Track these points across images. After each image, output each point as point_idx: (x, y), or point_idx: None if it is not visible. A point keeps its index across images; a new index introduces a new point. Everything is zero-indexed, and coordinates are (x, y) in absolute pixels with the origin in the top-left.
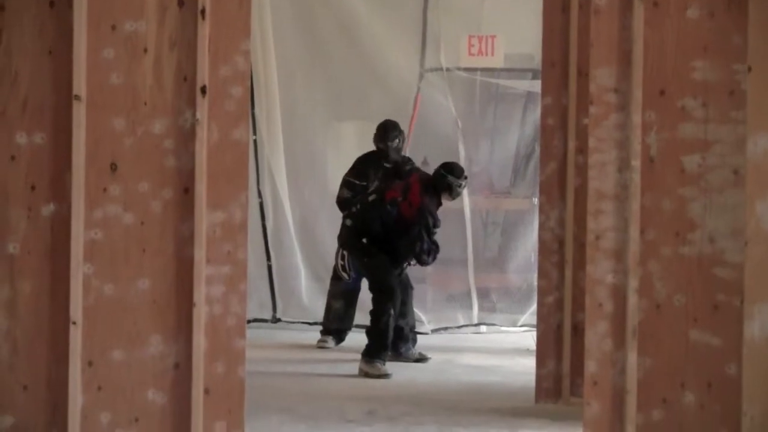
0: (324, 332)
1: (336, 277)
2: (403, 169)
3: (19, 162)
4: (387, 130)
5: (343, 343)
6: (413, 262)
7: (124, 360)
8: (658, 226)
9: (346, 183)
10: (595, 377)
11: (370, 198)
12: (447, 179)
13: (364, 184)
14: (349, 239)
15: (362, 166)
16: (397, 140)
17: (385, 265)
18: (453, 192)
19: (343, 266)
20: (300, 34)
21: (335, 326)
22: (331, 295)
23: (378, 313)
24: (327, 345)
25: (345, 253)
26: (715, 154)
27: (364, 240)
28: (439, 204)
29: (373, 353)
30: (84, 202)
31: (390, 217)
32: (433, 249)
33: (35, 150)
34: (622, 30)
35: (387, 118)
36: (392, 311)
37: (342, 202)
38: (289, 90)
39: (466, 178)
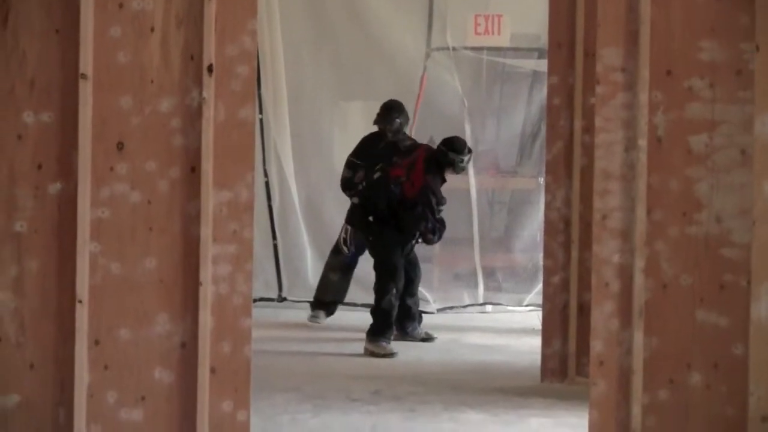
0: (315, 305)
1: (336, 251)
2: (400, 147)
3: (27, 141)
4: (387, 111)
5: (349, 322)
6: (419, 240)
7: (131, 339)
8: (665, 206)
9: (348, 163)
10: (601, 357)
11: (375, 176)
12: (449, 156)
13: (365, 164)
14: (356, 217)
15: (364, 147)
16: (397, 121)
17: (388, 243)
18: (456, 168)
19: (344, 240)
20: (306, 13)
21: (329, 298)
22: (329, 267)
23: (381, 292)
24: (319, 320)
25: (348, 227)
26: (722, 134)
27: (370, 218)
28: (443, 181)
29: (378, 333)
30: (91, 181)
31: (394, 195)
32: (438, 227)
33: (42, 129)
34: (629, 10)
35: (392, 97)
36: (395, 290)
37: (344, 182)
38: (296, 69)
39: (470, 151)
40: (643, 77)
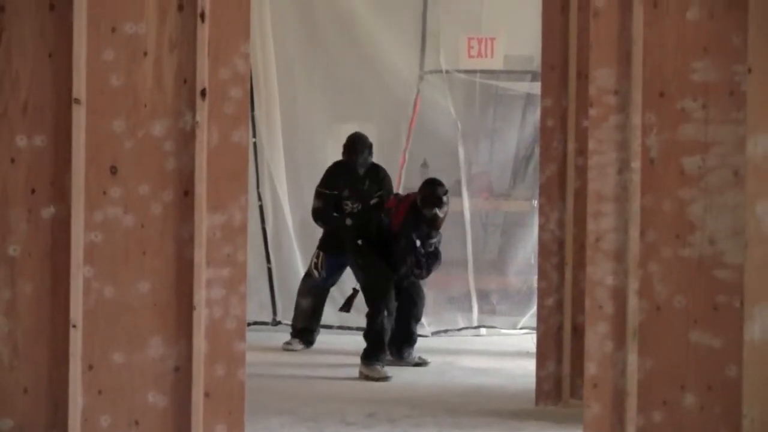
0: (293, 334)
1: (307, 275)
2: (377, 176)
3: (20, 164)
4: (355, 143)
5: (343, 345)
6: (413, 273)
7: (125, 363)
8: (658, 228)
9: (317, 194)
10: (595, 379)
11: (372, 201)
12: (422, 212)
13: (335, 193)
14: (347, 239)
15: (332, 176)
16: (365, 152)
17: (376, 265)
18: (435, 220)
19: (316, 264)
20: (300, 35)
21: (301, 325)
22: (300, 293)
23: (372, 314)
24: (293, 348)
25: (321, 252)
26: (715, 155)
27: (359, 241)
28: (429, 222)
29: (371, 356)
30: (84, 205)
31: (383, 224)
32: (427, 262)
33: (35, 152)
34: (622, 31)
35: (387, 120)
36: (386, 312)
37: (315, 213)
38: (289, 92)
39: (445, 193)
40: (636, 99)
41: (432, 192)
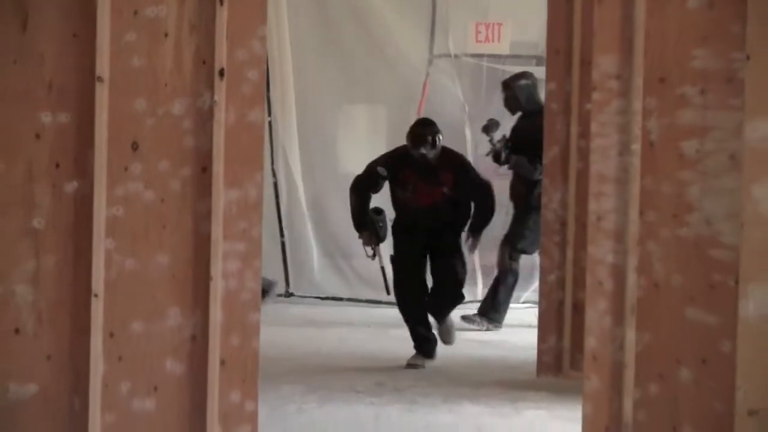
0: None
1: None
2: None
3: (44, 140)
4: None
5: (353, 317)
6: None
7: (144, 331)
8: (657, 209)
9: None
10: (594, 352)
11: None
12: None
13: None
14: None
15: None
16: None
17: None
18: (424, 159)
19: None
20: (314, 20)
21: None
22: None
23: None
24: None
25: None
26: (713, 139)
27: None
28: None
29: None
30: (106, 180)
31: None
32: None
33: (60, 129)
34: (625, 19)
35: (397, 102)
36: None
37: None
38: (303, 74)
39: (435, 133)
40: (637, 85)
41: (418, 133)
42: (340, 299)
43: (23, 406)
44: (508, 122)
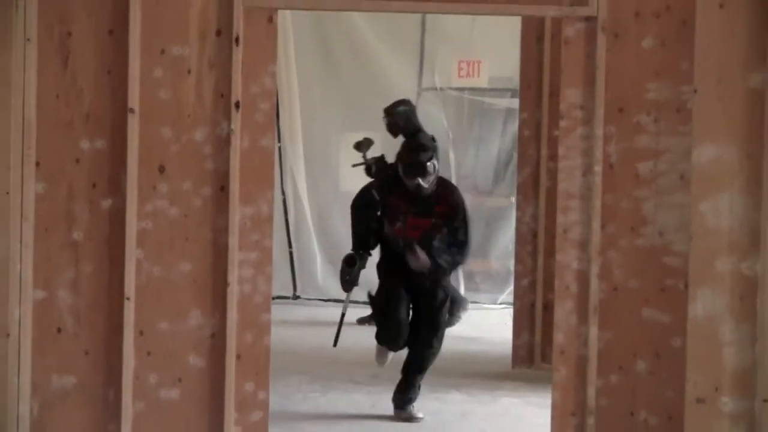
0: None
1: None
2: None
3: (83, 164)
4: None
5: (351, 318)
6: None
7: (169, 330)
8: (617, 222)
9: None
10: (562, 347)
11: None
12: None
13: None
14: None
15: None
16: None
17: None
18: (419, 190)
19: None
20: (317, 58)
21: None
22: None
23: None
24: None
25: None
26: (666, 161)
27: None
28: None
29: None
30: (137, 198)
31: None
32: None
33: (96, 154)
34: (588, 57)
35: (386, 130)
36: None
37: None
38: (309, 105)
39: (430, 159)
40: (599, 114)
41: (412, 160)
42: (342, 301)
43: (65, 395)
44: (487, 147)
